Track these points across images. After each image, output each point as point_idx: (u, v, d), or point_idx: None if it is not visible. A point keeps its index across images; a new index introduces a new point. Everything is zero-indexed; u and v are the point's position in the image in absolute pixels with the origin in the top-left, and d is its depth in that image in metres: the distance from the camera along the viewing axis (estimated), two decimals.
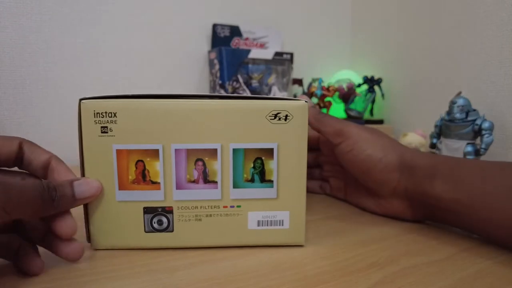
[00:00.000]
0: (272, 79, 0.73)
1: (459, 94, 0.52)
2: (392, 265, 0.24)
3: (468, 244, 0.28)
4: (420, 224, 0.32)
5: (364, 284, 0.22)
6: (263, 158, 0.25)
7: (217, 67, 0.69)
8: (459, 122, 0.50)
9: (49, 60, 0.59)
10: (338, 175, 0.40)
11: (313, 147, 0.41)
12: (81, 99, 0.24)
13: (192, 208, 0.25)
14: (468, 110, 0.50)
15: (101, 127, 0.24)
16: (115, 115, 0.24)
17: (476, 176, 0.27)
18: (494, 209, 0.25)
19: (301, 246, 0.27)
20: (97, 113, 0.24)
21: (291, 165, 0.25)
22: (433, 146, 0.55)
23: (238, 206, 0.26)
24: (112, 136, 0.24)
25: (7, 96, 0.56)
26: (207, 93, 0.25)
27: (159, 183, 0.25)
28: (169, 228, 0.25)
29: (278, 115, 0.25)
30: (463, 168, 0.28)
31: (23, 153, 0.23)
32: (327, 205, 0.38)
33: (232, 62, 0.68)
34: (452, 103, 0.51)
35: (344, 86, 0.77)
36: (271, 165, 0.25)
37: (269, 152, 0.25)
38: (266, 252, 0.26)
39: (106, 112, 0.24)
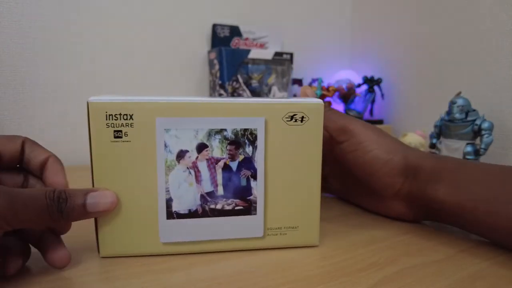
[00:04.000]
0: (272, 79, 0.73)
1: (459, 94, 0.52)
2: (392, 265, 0.24)
3: (467, 244, 0.28)
4: (420, 224, 0.32)
5: (364, 284, 0.22)
6: None
7: (217, 67, 0.69)
8: (458, 122, 0.50)
9: (49, 60, 0.59)
10: (336, 175, 0.38)
11: None
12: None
13: None
14: (467, 110, 0.50)
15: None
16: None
17: (479, 180, 0.26)
18: (495, 214, 0.25)
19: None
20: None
21: None
22: (432, 146, 0.55)
23: None
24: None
25: (7, 96, 0.56)
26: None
27: None
28: None
29: None
30: (466, 171, 0.27)
31: (24, 152, 0.23)
32: (327, 206, 0.38)
33: (232, 62, 0.68)
34: (452, 103, 0.51)
35: (344, 86, 0.77)
36: None
37: None
38: (266, 252, 0.26)
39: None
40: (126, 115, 0.23)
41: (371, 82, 0.79)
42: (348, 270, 0.23)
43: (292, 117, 0.25)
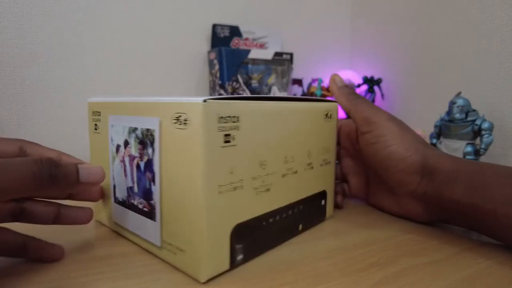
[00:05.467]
0: (272, 79, 0.73)
1: (458, 94, 0.52)
2: (392, 265, 0.24)
3: (468, 244, 0.28)
4: (420, 224, 0.32)
5: (364, 284, 0.22)
6: None
7: (217, 67, 0.69)
8: (458, 122, 0.50)
9: (49, 60, 0.59)
10: (358, 172, 0.37)
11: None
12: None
13: None
14: (467, 110, 0.50)
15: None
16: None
17: (498, 182, 0.26)
18: None
19: None
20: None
21: None
22: (432, 146, 0.55)
23: None
24: None
25: (7, 96, 0.56)
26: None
27: None
28: None
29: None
30: (485, 173, 0.27)
31: (26, 154, 0.23)
32: None
33: (232, 62, 0.68)
34: (452, 103, 0.51)
35: None
36: None
37: None
38: (266, 253, 0.26)
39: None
40: (99, 112, 0.28)
41: (371, 82, 0.79)
42: (348, 270, 0.23)
43: (178, 119, 0.21)
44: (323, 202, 0.31)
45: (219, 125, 0.20)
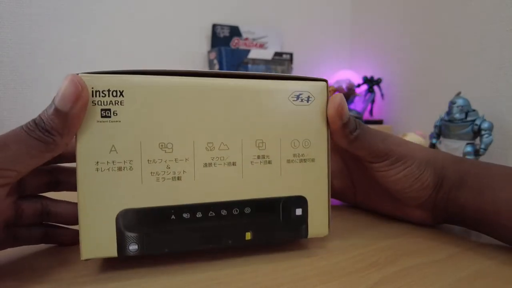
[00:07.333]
0: None
1: (458, 94, 0.52)
2: (392, 265, 0.24)
3: (468, 244, 0.28)
4: (420, 224, 0.32)
5: (364, 284, 0.22)
6: None
7: (216, 67, 0.69)
8: (458, 122, 0.50)
9: (49, 59, 0.59)
10: (342, 175, 0.34)
11: None
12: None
13: None
14: (467, 110, 0.50)
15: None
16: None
17: (501, 184, 0.26)
18: None
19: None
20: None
21: None
22: (432, 146, 0.55)
23: None
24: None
25: (7, 96, 0.56)
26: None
27: None
28: None
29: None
30: (488, 175, 0.27)
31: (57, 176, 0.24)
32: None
33: (232, 62, 0.68)
34: (452, 103, 0.51)
35: (344, 86, 0.77)
36: None
37: None
38: (266, 253, 0.26)
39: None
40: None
41: (371, 82, 0.79)
42: (348, 270, 0.23)
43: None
44: (299, 211, 0.25)
45: (93, 99, 0.20)
